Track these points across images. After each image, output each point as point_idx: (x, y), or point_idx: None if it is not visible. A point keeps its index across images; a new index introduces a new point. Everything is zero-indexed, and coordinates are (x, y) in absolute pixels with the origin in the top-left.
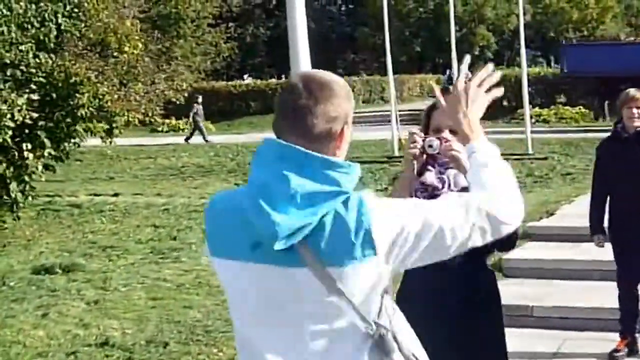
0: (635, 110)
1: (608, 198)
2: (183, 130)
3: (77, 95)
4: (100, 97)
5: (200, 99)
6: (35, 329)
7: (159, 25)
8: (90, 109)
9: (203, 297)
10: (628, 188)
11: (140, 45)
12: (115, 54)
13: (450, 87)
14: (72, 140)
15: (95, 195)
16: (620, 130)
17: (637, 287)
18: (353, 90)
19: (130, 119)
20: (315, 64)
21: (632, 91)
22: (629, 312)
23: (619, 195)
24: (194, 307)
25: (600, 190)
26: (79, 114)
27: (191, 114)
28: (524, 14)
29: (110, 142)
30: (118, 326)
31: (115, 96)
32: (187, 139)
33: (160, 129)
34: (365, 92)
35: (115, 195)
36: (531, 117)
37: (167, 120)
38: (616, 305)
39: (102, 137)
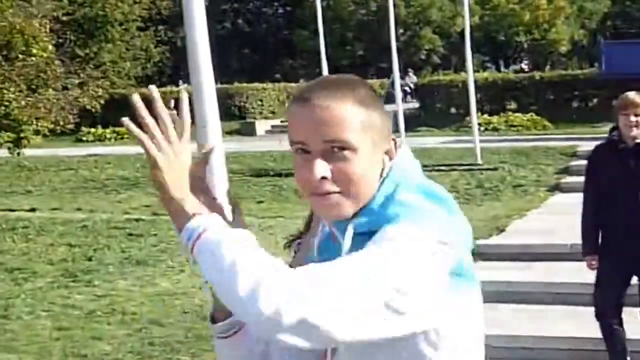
0: (633, 118)
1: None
2: (110, 139)
3: None
4: (6, 103)
5: (172, 104)
6: None
7: (85, 28)
8: None
9: (115, 327)
10: (622, 200)
11: (50, 47)
12: (22, 56)
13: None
14: None
15: (11, 210)
16: (616, 138)
17: (621, 314)
18: (288, 97)
19: (40, 128)
20: (250, 70)
21: (631, 95)
22: (616, 345)
23: (611, 207)
24: (104, 338)
25: (592, 199)
26: None
27: None
28: (471, 16)
29: (18, 154)
30: None
31: (23, 103)
32: None
33: (85, 138)
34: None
35: (32, 210)
36: (480, 125)
37: (92, 130)
38: (568, 333)
39: (9, 148)
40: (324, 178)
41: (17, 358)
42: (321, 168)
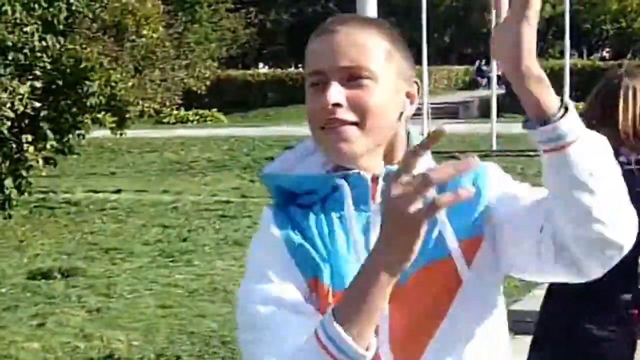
0: None
1: None
2: (192, 122)
3: (87, 82)
4: (113, 84)
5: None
6: (30, 341)
7: (172, 8)
8: (101, 97)
9: (219, 305)
10: None
11: (161, 28)
12: (132, 37)
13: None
14: (78, 132)
15: (94, 192)
16: None
17: None
18: None
19: (145, 109)
20: None
21: None
22: None
23: None
24: (209, 316)
25: None
26: (87, 103)
27: None
28: (560, 3)
29: (122, 134)
30: (124, 338)
31: (130, 84)
32: None
33: (166, 120)
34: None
35: (117, 192)
36: None
37: (175, 112)
38: None
39: (112, 129)
40: (337, 105)
41: (124, 334)
42: (336, 93)
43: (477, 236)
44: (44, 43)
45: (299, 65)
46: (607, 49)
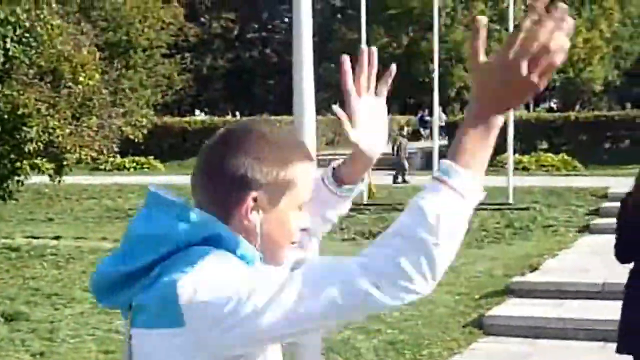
0: None
1: None
2: (128, 169)
3: (25, 128)
4: (51, 131)
5: (404, 131)
6: None
7: (108, 54)
8: (39, 144)
9: None
10: None
11: (97, 75)
12: (69, 84)
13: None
14: (17, 178)
15: (34, 237)
16: None
17: None
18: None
19: (83, 157)
20: (276, 102)
21: None
22: None
23: None
24: None
25: None
26: (25, 149)
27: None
28: None
29: (59, 182)
30: None
31: (67, 131)
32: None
33: (103, 167)
34: (330, 133)
35: (56, 238)
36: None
37: (111, 159)
38: None
39: (50, 176)
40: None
41: None
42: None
43: None
44: None
45: (236, 113)
46: (555, 100)
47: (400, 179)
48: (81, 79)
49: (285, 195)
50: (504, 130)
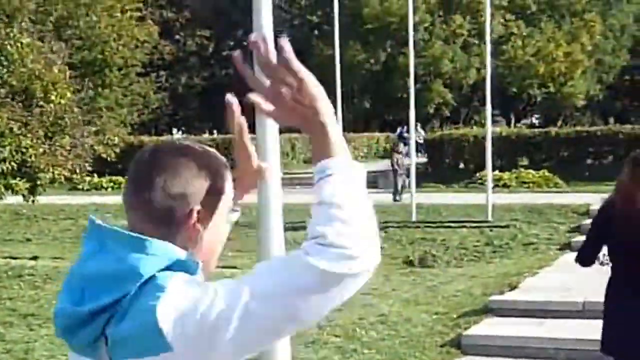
0: None
1: None
2: (106, 189)
3: None
4: (24, 150)
5: (400, 148)
6: None
7: (82, 72)
8: (12, 163)
9: None
10: None
11: (68, 94)
12: (40, 103)
13: None
14: None
15: (12, 258)
16: None
17: None
18: (292, 148)
19: (56, 176)
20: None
21: None
22: None
23: None
24: None
25: None
26: None
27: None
28: (484, 67)
29: (33, 202)
30: None
31: (40, 150)
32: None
33: (80, 186)
34: (307, 151)
35: (34, 258)
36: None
37: (88, 178)
38: None
39: (24, 196)
40: None
41: None
42: None
43: None
44: None
45: (213, 131)
46: (536, 115)
47: (397, 196)
48: (53, 97)
49: (219, 203)
50: (483, 147)
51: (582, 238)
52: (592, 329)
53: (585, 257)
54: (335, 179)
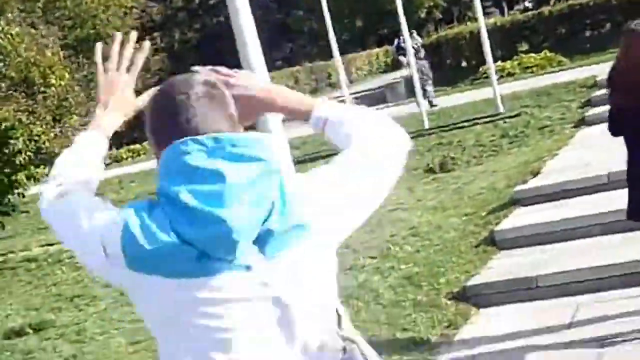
0: None
1: None
2: (126, 159)
3: (11, 141)
4: (36, 138)
5: (421, 54)
6: None
7: (80, 50)
8: (28, 154)
9: None
10: None
11: (66, 75)
12: (42, 89)
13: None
14: (16, 191)
15: (49, 245)
16: None
17: None
18: (296, 82)
19: None
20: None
21: None
22: None
23: None
24: None
25: None
26: (17, 161)
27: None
28: None
29: None
30: None
31: (52, 134)
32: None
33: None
34: (311, 81)
35: None
36: (495, 73)
37: (109, 152)
38: (628, 258)
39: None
40: None
41: None
42: None
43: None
44: None
45: None
46: None
47: (432, 101)
48: (52, 81)
49: None
50: (479, 42)
51: (595, 110)
52: (620, 201)
53: (616, 130)
54: (331, 113)
